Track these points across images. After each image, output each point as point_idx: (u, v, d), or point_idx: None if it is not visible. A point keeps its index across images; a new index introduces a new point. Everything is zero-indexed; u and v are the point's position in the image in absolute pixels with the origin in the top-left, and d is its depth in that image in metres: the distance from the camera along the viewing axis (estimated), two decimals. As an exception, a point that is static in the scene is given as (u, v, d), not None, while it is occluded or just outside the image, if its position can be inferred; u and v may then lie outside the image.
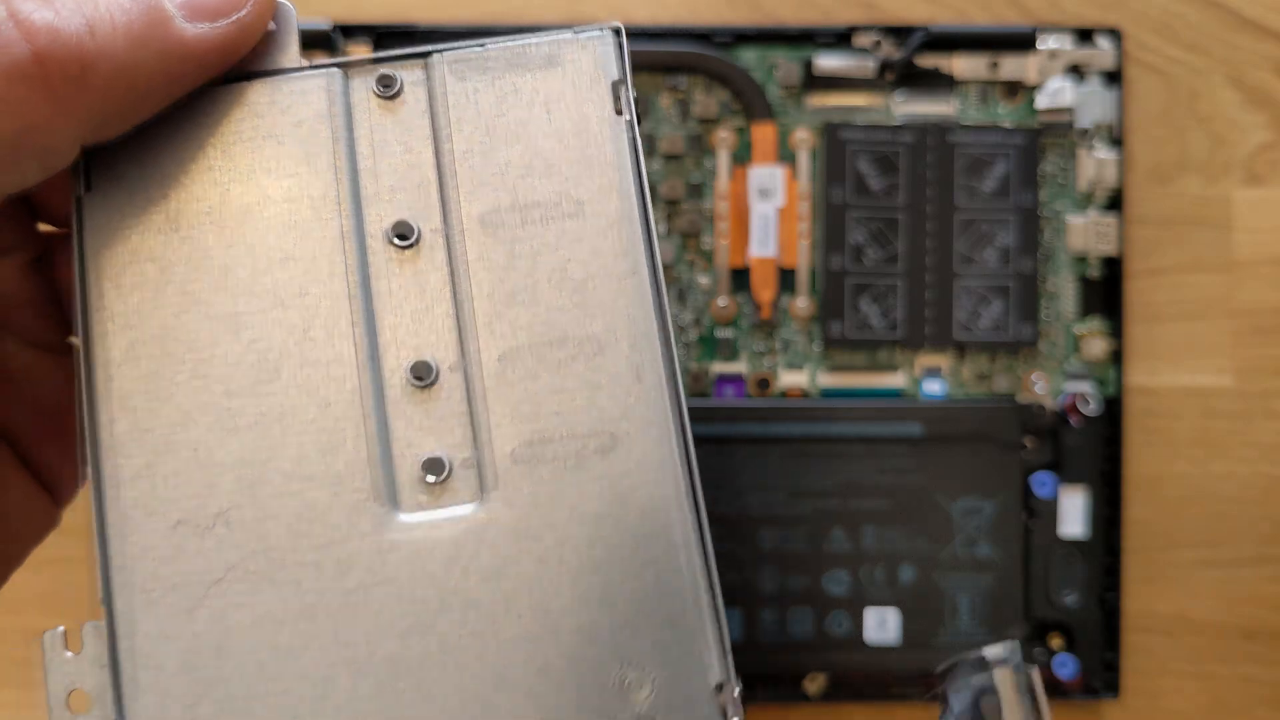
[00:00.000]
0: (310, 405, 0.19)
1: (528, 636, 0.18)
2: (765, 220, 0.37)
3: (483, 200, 0.20)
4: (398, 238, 0.20)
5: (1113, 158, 0.38)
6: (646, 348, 0.19)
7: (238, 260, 0.19)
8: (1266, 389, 0.39)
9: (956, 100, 0.38)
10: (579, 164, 0.20)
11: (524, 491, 0.19)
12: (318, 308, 0.19)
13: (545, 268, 0.19)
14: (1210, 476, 0.39)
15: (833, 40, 0.38)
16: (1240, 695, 0.38)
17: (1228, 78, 0.39)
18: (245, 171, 0.19)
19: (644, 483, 0.19)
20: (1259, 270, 0.39)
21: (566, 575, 0.18)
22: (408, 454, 0.19)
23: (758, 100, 0.37)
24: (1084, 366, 0.38)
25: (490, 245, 0.19)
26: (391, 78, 0.20)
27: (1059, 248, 0.38)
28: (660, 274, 0.19)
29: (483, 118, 0.20)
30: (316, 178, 0.20)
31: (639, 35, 0.37)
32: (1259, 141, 0.39)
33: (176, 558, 0.18)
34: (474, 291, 0.19)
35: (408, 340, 0.19)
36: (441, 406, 0.19)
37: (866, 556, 0.36)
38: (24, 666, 0.37)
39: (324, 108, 0.20)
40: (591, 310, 0.19)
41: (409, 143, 0.20)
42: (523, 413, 0.19)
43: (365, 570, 0.18)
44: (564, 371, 0.19)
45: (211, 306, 0.19)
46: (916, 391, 0.38)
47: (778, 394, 0.37)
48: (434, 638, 0.18)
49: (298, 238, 0.19)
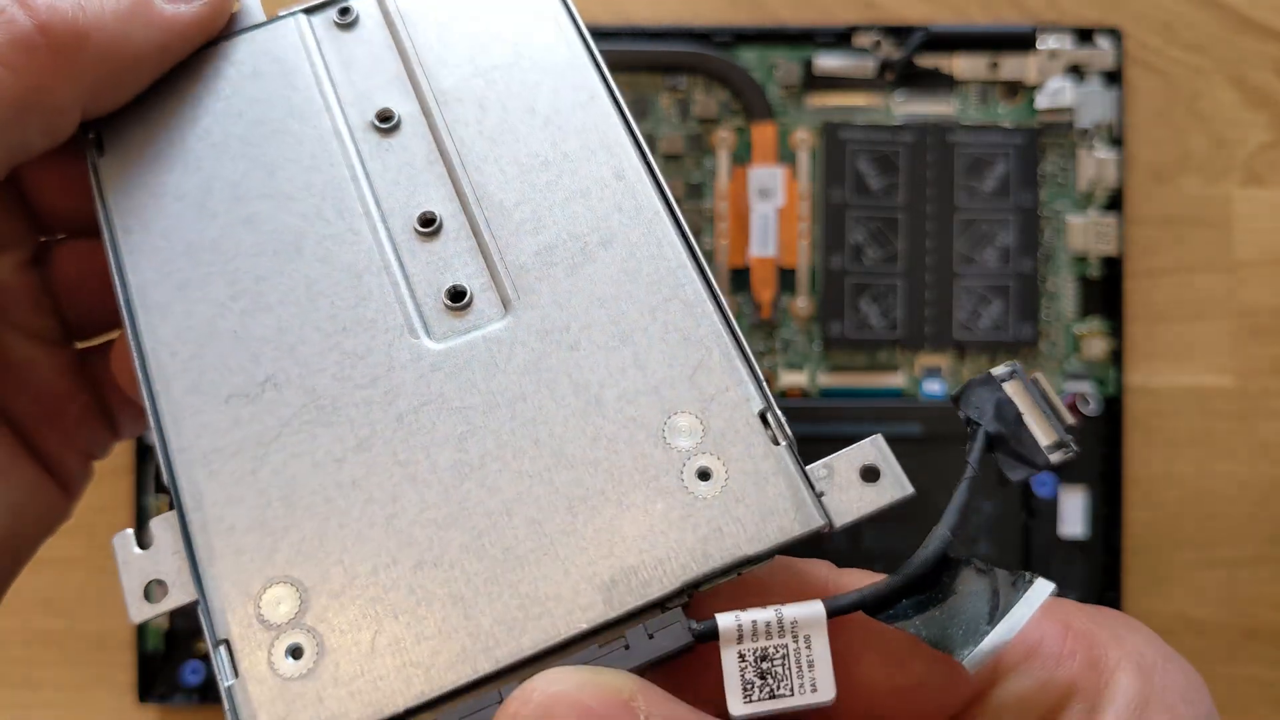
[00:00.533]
0: (333, 271, 0.21)
1: (575, 413, 0.19)
2: (765, 220, 0.37)
3: (447, 75, 0.22)
4: (381, 121, 0.22)
5: (1113, 157, 0.38)
6: (619, 151, 0.21)
7: (245, 174, 0.22)
8: (1266, 389, 0.39)
9: (956, 100, 0.38)
10: (523, 24, 0.23)
11: (542, 294, 0.20)
12: (324, 194, 0.21)
13: (515, 109, 0.22)
14: (1210, 476, 0.39)
15: (833, 40, 0.38)
16: (1242, 695, 0.38)
17: (1228, 78, 0.39)
18: (239, 107, 0.22)
19: (646, 258, 0.20)
20: (1259, 270, 0.39)
21: (598, 353, 0.20)
22: (431, 289, 0.21)
23: (758, 100, 0.37)
24: (1084, 366, 0.38)
25: (462, 108, 0.22)
26: (348, 7, 0.23)
27: (1059, 247, 0.38)
28: (614, 89, 0.22)
29: (433, 12, 0.23)
30: (299, 94, 0.22)
31: (639, 35, 0.37)
32: (1259, 141, 0.39)
33: (232, 428, 0.20)
34: (456, 147, 0.22)
35: (410, 201, 0.21)
36: (451, 246, 0.21)
37: (866, 556, 0.36)
38: (24, 666, 0.37)
39: (296, 41, 0.23)
40: (566, 134, 0.21)
41: (373, 51, 0.23)
42: (525, 229, 0.21)
43: (412, 394, 0.20)
44: (553, 188, 0.21)
45: (229, 216, 0.21)
46: (916, 391, 0.38)
47: (778, 393, 0.37)
48: (489, 436, 0.19)
49: (294, 143, 0.22)
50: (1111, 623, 0.18)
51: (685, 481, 0.19)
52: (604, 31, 0.37)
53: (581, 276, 0.20)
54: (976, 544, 0.37)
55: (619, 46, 0.37)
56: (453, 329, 0.20)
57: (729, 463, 0.19)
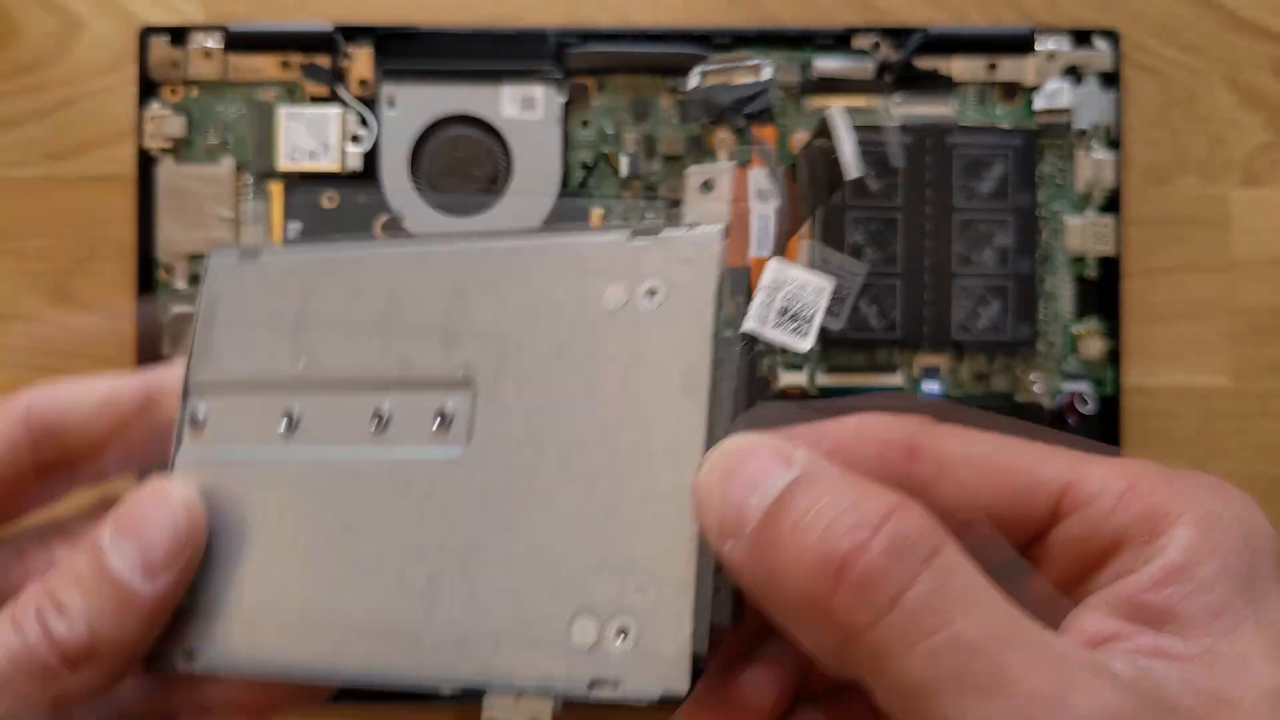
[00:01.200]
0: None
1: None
2: (765, 221, 0.37)
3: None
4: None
5: (1110, 158, 0.38)
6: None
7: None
8: (1264, 389, 0.39)
9: (955, 102, 0.38)
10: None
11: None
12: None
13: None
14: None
15: (832, 42, 0.38)
16: (1238, 694, 0.39)
17: (1225, 78, 0.39)
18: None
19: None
20: (1257, 270, 0.39)
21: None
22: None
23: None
24: (1082, 366, 0.38)
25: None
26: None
27: (1057, 248, 0.38)
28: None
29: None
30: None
31: (640, 37, 0.38)
32: (1257, 142, 0.39)
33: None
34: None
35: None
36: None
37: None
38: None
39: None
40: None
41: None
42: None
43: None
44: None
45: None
46: (915, 391, 0.38)
47: (777, 393, 0.38)
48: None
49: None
50: (1188, 484, 0.18)
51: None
52: (605, 34, 0.38)
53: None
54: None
55: (620, 48, 0.38)
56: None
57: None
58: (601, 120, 0.38)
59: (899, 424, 0.20)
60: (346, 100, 0.37)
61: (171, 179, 0.37)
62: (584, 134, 0.38)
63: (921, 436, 0.20)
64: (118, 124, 0.38)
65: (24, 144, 0.38)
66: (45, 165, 0.38)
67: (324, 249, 0.23)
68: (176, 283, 0.37)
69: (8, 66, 0.39)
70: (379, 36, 0.37)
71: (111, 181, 0.38)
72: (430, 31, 0.37)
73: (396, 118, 0.37)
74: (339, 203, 0.37)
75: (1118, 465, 0.19)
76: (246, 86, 0.38)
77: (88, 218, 0.38)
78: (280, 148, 0.37)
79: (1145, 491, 0.18)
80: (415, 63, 0.37)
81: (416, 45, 0.37)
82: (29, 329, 0.38)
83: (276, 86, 0.38)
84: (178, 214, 0.37)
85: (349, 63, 0.37)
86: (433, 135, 0.37)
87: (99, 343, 0.38)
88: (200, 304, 0.24)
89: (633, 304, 0.20)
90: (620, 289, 0.20)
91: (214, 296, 0.23)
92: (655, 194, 0.38)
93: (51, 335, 0.38)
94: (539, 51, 0.37)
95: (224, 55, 0.37)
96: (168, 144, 0.37)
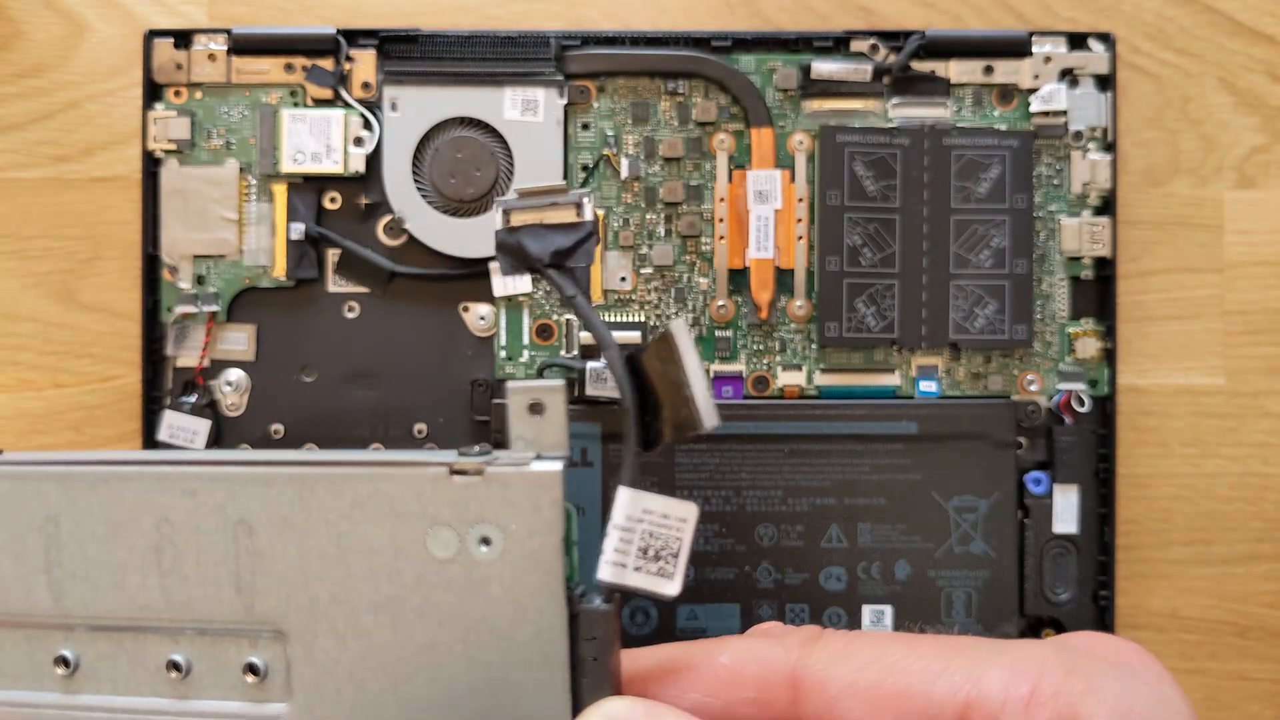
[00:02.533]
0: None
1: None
2: (763, 222, 0.38)
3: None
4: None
5: (1105, 160, 0.38)
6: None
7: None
8: (1257, 389, 0.39)
9: (951, 104, 0.38)
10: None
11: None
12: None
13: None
14: (1202, 475, 0.39)
15: (830, 45, 0.38)
16: (1232, 692, 0.39)
17: (1219, 81, 0.39)
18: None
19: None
20: (1250, 271, 0.39)
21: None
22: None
23: (756, 104, 0.38)
24: (1077, 366, 0.38)
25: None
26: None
27: (1052, 249, 0.38)
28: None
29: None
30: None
31: (639, 41, 0.38)
32: (1250, 144, 0.39)
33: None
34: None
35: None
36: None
37: (862, 553, 0.37)
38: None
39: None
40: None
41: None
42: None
43: None
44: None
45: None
46: (912, 391, 0.38)
47: (775, 393, 0.38)
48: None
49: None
50: (1092, 673, 0.18)
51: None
52: (605, 37, 0.38)
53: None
54: (971, 542, 0.37)
55: (620, 52, 0.38)
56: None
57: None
58: (602, 122, 0.38)
59: (777, 654, 0.19)
60: (349, 103, 0.38)
61: (176, 181, 0.38)
62: (585, 136, 0.38)
63: (802, 667, 0.19)
64: (122, 126, 0.39)
65: (29, 146, 0.39)
66: (50, 167, 0.39)
67: (65, 457, 0.21)
68: (180, 284, 0.38)
69: (13, 69, 0.39)
70: (382, 40, 0.38)
71: (116, 183, 0.39)
72: (433, 35, 0.38)
73: (399, 120, 0.37)
74: (341, 205, 0.38)
75: (1016, 662, 0.18)
76: (250, 89, 0.38)
77: (93, 219, 0.39)
78: (284, 150, 0.37)
79: (1050, 695, 0.17)
80: (418, 66, 0.37)
81: (419, 48, 0.38)
82: (34, 329, 0.39)
83: (280, 89, 0.38)
84: (182, 216, 0.37)
85: (352, 66, 0.38)
86: (435, 137, 0.38)
87: (103, 343, 0.39)
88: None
89: (465, 553, 0.18)
90: (449, 535, 0.19)
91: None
92: (655, 196, 0.38)
93: (56, 335, 0.39)
94: (540, 55, 0.38)
95: (228, 58, 0.38)
96: (172, 146, 0.38)
